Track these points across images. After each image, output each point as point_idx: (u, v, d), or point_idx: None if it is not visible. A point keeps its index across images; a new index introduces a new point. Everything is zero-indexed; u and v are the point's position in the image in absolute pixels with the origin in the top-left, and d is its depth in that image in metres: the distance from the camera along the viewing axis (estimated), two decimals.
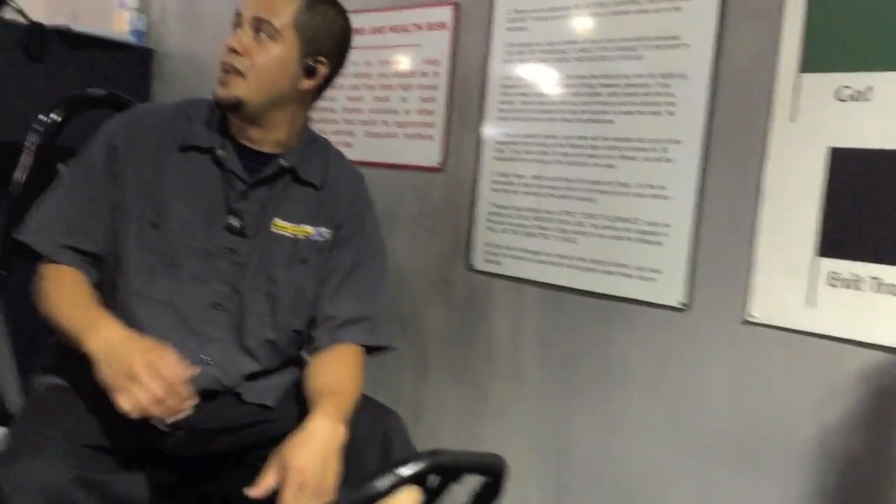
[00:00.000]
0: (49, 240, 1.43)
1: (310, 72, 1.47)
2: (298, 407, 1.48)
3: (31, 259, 1.46)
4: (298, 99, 1.49)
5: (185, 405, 1.25)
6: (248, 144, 1.49)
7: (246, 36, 1.42)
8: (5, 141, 2.50)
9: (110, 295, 1.45)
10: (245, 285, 1.47)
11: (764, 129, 1.71)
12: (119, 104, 1.82)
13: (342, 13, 1.52)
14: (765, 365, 1.72)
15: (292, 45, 1.43)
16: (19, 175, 1.70)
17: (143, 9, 3.12)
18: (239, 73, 1.41)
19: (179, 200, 1.44)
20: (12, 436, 1.30)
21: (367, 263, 1.55)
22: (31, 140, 1.71)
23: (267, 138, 1.49)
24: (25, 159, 1.71)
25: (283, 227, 1.49)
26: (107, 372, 1.25)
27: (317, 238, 1.52)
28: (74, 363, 1.46)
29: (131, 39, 3.04)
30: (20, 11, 2.75)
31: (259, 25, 1.41)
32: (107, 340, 1.28)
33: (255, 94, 1.42)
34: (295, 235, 1.50)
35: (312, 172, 1.53)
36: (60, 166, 1.67)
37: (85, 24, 3.03)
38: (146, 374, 1.21)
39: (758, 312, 1.71)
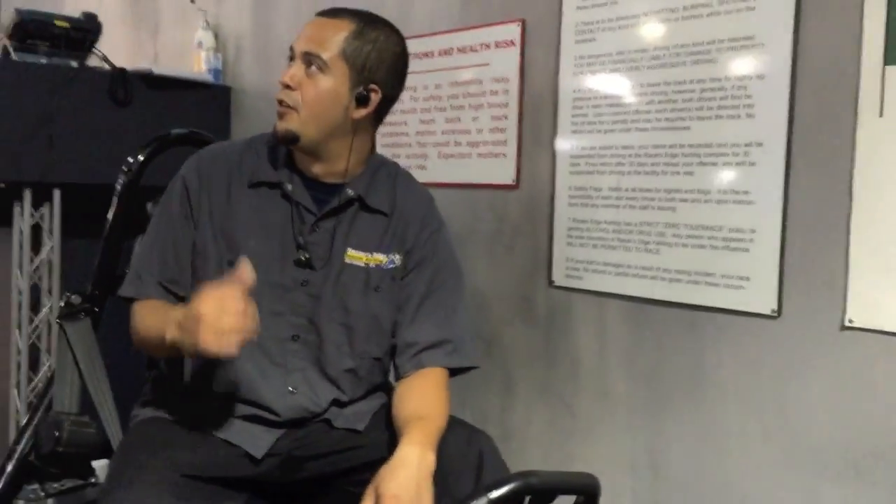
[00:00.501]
0: (142, 287, 1.49)
1: (362, 100, 1.46)
2: (389, 431, 1.48)
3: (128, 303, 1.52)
4: (354, 128, 1.48)
5: (247, 320, 1.21)
6: (315, 176, 1.50)
7: (298, 70, 1.44)
8: (99, 184, 2.62)
9: None
10: (320, 317, 1.48)
11: (850, 125, 1.64)
12: (200, 142, 1.88)
13: (394, 37, 1.50)
14: (866, 371, 1.64)
15: (342, 76, 1.44)
16: (110, 216, 1.77)
17: (218, 48, 3.23)
18: (291, 107, 1.43)
19: (252, 237, 1.46)
20: (113, 467, 1.35)
21: (443, 285, 1.54)
22: (121, 182, 1.77)
23: (330, 170, 1.49)
24: (116, 201, 1.78)
25: (356, 256, 1.50)
26: (184, 339, 1.25)
27: (389, 265, 1.51)
28: (172, 395, 1.50)
29: (209, 79, 3.15)
30: (104, 58, 2.88)
31: (309, 59, 1.43)
32: (176, 320, 1.29)
33: (308, 127, 1.43)
34: (367, 264, 1.50)
35: (380, 199, 1.52)
36: (149, 206, 1.73)
37: (165, 67, 3.15)
38: (211, 312, 1.20)
39: (856, 316, 1.64)
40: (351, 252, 1.49)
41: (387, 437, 1.47)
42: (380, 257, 1.51)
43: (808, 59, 1.71)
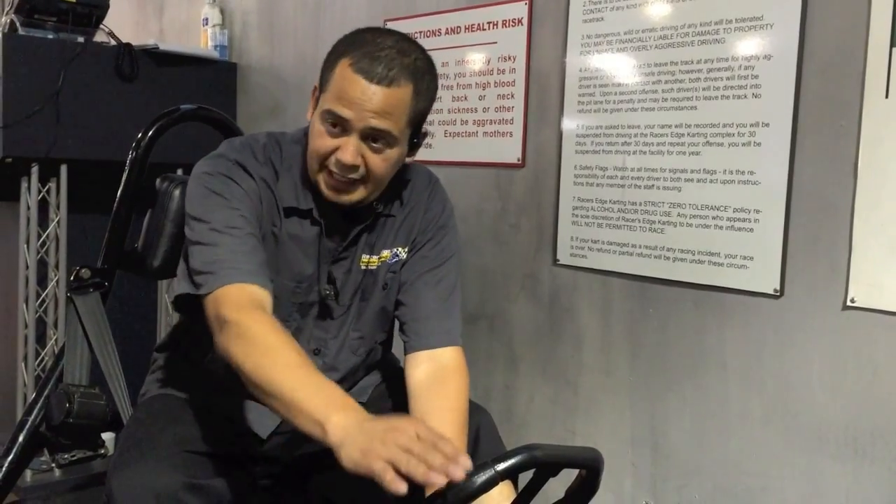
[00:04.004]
0: (234, 274, 1.30)
1: (414, 146, 1.43)
2: (390, 402, 1.50)
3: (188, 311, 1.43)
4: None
5: (452, 462, 0.97)
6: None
7: (359, 145, 1.32)
8: (104, 159, 2.63)
9: None
10: (339, 327, 1.49)
11: (856, 107, 1.65)
12: (208, 118, 1.89)
13: (434, 70, 1.40)
14: (868, 350, 1.66)
15: (405, 137, 1.37)
16: (120, 191, 1.77)
17: (225, 24, 3.22)
18: (357, 182, 1.35)
19: (292, 257, 1.43)
20: (123, 442, 1.36)
21: (445, 264, 1.52)
22: (130, 157, 1.77)
23: (362, 202, 1.43)
24: (125, 176, 1.78)
25: (367, 261, 1.48)
26: (350, 454, 1.04)
27: (393, 259, 1.50)
28: (180, 374, 1.52)
29: (215, 55, 3.14)
30: (111, 34, 2.88)
31: (376, 135, 1.32)
32: (346, 423, 1.08)
33: (374, 193, 1.39)
34: (377, 265, 1.48)
35: (393, 205, 1.49)
36: (157, 181, 1.74)
37: (171, 43, 3.15)
38: (387, 442, 1.01)
39: (858, 296, 1.66)
40: (365, 258, 1.47)
41: (388, 407, 1.49)
42: (385, 253, 1.49)
43: (816, 41, 1.71)
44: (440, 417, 1.35)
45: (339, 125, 1.32)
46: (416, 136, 1.41)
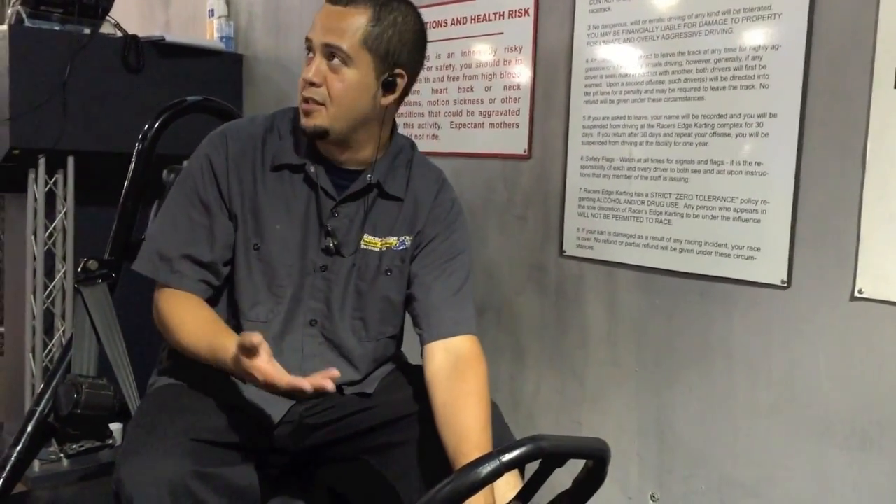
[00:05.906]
0: (177, 277, 1.47)
1: (389, 86, 1.44)
2: (398, 394, 1.51)
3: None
4: (382, 115, 1.47)
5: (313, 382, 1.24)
6: (338, 163, 1.49)
7: (321, 65, 1.40)
8: (115, 151, 2.64)
9: (229, 319, 1.51)
10: (336, 302, 1.49)
11: (865, 97, 1.64)
12: (215, 109, 1.89)
13: (411, 14, 1.46)
14: (875, 341, 1.65)
15: (367, 65, 1.40)
16: (127, 183, 1.78)
17: (230, 16, 3.22)
18: (319, 103, 1.40)
19: (276, 221, 1.46)
20: (131, 432, 1.37)
21: (456, 258, 1.54)
22: (137, 149, 1.78)
23: (354, 157, 1.49)
24: (131, 168, 1.79)
25: (371, 242, 1.50)
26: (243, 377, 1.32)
27: (400, 247, 1.51)
28: (188, 364, 1.53)
29: (221, 46, 3.14)
30: (117, 25, 2.88)
31: (331, 52, 1.39)
32: (231, 356, 1.31)
33: (337, 122, 1.41)
34: (381, 249, 1.50)
35: (396, 185, 1.52)
36: (165, 173, 1.74)
37: (177, 35, 3.15)
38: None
39: (866, 287, 1.65)
40: (367, 238, 1.50)
41: (395, 399, 1.50)
42: (391, 240, 1.51)
43: (824, 31, 1.70)
44: (462, 404, 1.37)
45: (310, 49, 1.43)
46: (390, 74, 1.43)
